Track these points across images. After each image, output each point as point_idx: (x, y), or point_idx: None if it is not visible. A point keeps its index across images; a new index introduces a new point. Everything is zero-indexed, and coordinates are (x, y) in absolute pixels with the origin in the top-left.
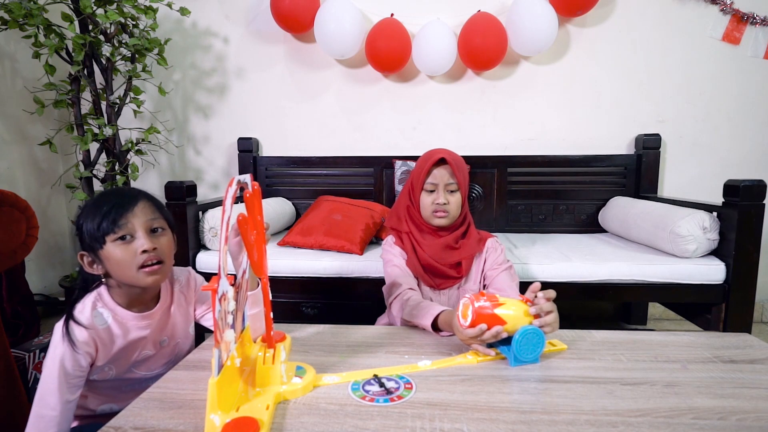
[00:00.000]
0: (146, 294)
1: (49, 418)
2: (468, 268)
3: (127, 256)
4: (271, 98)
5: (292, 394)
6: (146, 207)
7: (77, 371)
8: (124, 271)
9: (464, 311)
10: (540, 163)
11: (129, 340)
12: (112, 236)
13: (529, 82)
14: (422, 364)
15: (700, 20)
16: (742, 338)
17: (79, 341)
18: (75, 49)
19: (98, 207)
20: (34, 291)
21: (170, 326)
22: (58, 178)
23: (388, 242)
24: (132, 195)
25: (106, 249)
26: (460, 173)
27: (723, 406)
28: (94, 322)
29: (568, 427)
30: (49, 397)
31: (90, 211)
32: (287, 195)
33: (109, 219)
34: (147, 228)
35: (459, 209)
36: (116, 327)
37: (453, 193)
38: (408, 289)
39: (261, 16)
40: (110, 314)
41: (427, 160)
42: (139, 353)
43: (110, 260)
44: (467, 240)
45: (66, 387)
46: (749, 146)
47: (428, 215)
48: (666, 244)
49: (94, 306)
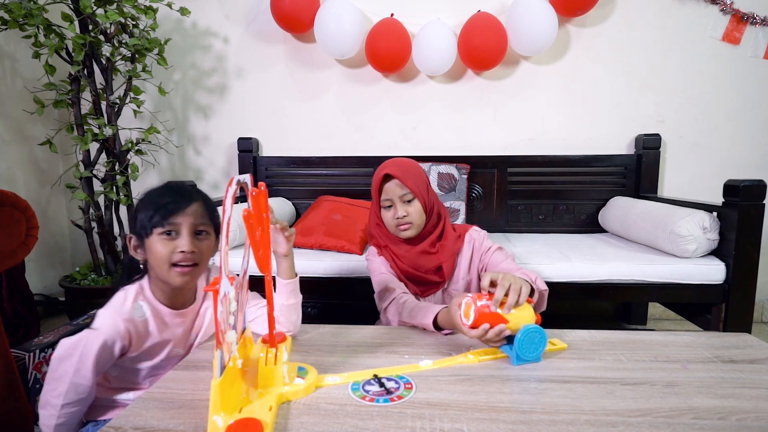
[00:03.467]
0: (182, 292)
1: (84, 387)
2: (450, 270)
3: (166, 251)
4: (271, 98)
5: (294, 395)
6: (198, 210)
7: (112, 357)
8: (159, 265)
9: (466, 310)
10: (540, 163)
11: (164, 336)
12: (160, 229)
13: (529, 82)
14: (423, 364)
15: (700, 20)
16: (742, 338)
17: (114, 334)
18: (75, 49)
19: (157, 198)
20: (34, 291)
21: (200, 326)
22: (58, 178)
23: (371, 253)
24: (189, 195)
25: (151, 239)
26: (410, 181)
27: (723, 406)
28: (134, 314)
29: (568, 427)
30: (84, 371)
31: (149, 200)
32: (287, 195)
33: (161, 213)
34: (192, 230)
35: (422, 216)
36: (153, 321)
37: (410, 202)
38: (402, 293)
39: (261, 16)
40: (149, 308)
41: (376, 178)
42: (171, 350)
43: (151, 251)
44: (444, 241)
45: (95, 367)
46: (749, 146)
47: (394, 230)
48: (666, 244)
49: (136, 298)
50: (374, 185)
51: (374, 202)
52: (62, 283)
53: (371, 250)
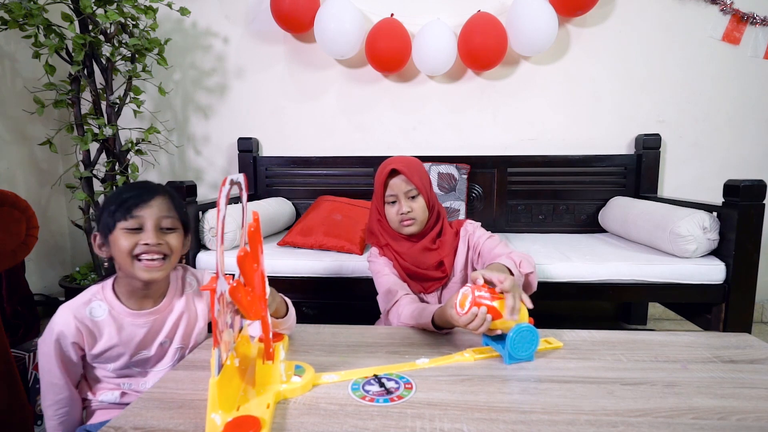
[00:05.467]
0: (149, 290)
1: (58, 387)
2: (451, 266)
3: (129, 245)
4: (271, 98)
5: (291, 392)
6: (162, 203)
7: (69, 354)
8: (123, 258)
9: (462, 300)
10: (540, 163)
11: (121, 338)
12: (123, 224)
13: (529, 82)
14: (420, 362)
15: (700, 20)
16: (742, 338)
17: (65, 329)
18: (75, 49)
19: (120, 194)
20: (34, 291)
21: (171, 329)
22: (58, 178)
23: (373, 254)
24: (152, 189)
25: (115, 235)
26: (416, 177)
27: (723, 406)
28: (85, 313)
29: (568, 427)
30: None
31: (112, 197)
32: (287, 195)
33: (124, 207)
34: (157, 224)
35: (425, 213)
36: (110, 321)
37: (414, 198)
38: (404, 295)
39: (261, 16)
40: (107, 308)
41: (381, 174)
42: (134, 351)
43: (115, 246)
44: (444, 238)
45: (61, 365)
46: (749, 146)
47: (397, 226)
48: (666, 244)
49: (93, 298)
50: (379, 180)
51: (377, 197)
52: (62, 283)
53: (373, 252)
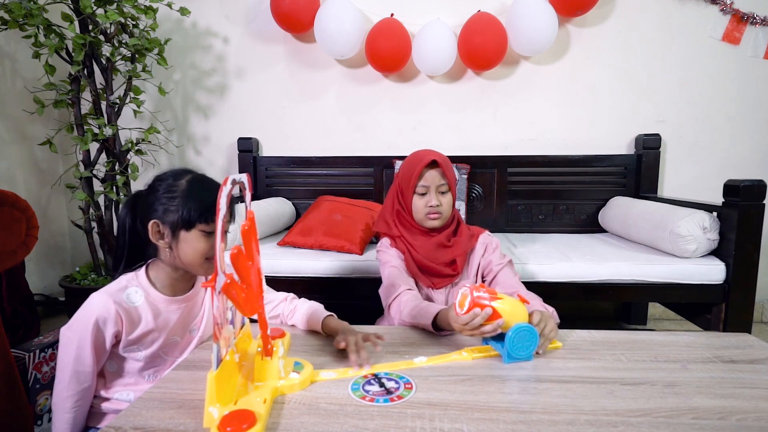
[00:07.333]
0: (185, 278)
1: (85, 375)
2: (462, 265)
3: (206, 247)
4: (271, 98)
5: (289, 388)
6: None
7: (105, 340)
8: (194, 258)
9: (462, 300)
10: (540, 163)
11: (157, 323)
12: (203, 227)
13: (529, 82)
14: (417, 360)
15: (700, 20)
16: (742, 338)
17: (105, 314)
18: (75, 49)
19: (202, 193)
20: (34, 291)
21: (200, 317)
22: (58, 178)
23: (383, 244)
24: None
25: (191, 233)
26: (450, 173)
27: (723, 406)
28: (123, 299)
29: (568, 427)
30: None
31: (192, 193)
32: (287, 195)
33: (210, 212)
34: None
35: (450, 209)
36: (146, 308)
37: (444, 194)
38: (406, 290)
39: (261, 16)
40: (143, 295)
41: (418, 163)
42: (167, 337)
43: (187, 243)
44: (459, 237)
45: (94, 350)
46: (749, 146)
47: (421, 218)
48: (666, 244)
49: (128, 285)
50: (411, 171)
51: (406, 187)
52: (62, 283)
53: (384, 242)
